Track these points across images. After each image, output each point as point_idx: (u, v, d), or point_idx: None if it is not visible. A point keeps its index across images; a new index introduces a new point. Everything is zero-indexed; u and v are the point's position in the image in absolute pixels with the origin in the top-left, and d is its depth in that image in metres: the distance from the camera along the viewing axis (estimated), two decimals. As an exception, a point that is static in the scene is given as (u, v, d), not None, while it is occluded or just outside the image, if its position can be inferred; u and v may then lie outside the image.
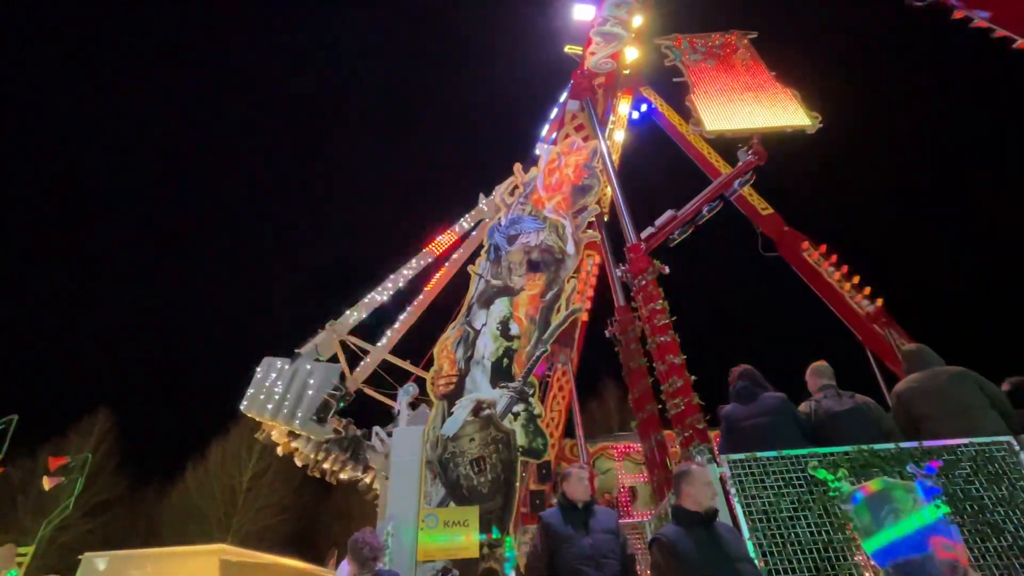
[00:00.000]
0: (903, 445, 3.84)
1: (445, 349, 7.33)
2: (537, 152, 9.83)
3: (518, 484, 6.20)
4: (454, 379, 7.01)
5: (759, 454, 3.89)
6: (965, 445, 3.77)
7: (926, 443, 3.84)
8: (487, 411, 6.58)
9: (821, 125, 8.86)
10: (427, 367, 7.53)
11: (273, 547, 22.01)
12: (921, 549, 3.37)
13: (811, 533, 3.51)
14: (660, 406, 7.76)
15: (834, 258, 16.13)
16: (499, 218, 8.84)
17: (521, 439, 6.41)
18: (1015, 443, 3.73)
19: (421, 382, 7.42)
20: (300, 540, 26.97)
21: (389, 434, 6.79)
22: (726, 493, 3.75)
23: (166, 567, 13.23)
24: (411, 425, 6.80)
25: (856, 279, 15.50)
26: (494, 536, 5.82)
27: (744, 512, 3.64)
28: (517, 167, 9.38)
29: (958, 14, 7.81)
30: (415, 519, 5.90)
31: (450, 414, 6.69)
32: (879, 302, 15.46)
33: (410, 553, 5.77)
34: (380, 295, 8.72)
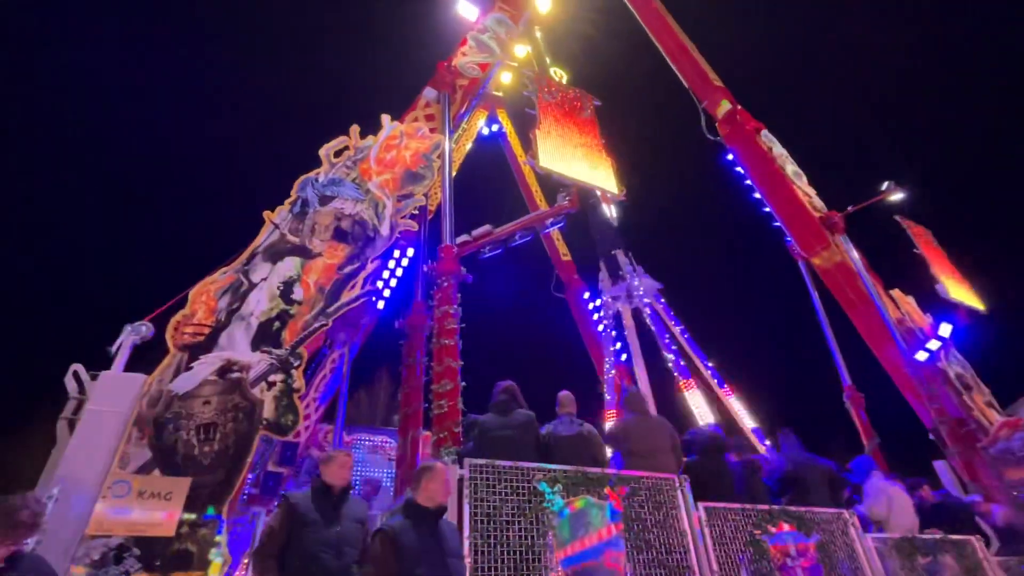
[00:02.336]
0: (607, 471, 4.61)
1: (206, 294, 6.18)
2: (381, 123, 9.33)
3: (249, 460, 5.52)
4: (206, 330, 5.95)
5: (498, 462, 4.22)
6: (646, 478, 4.70)
7: (623, 472, 4.67)
8: (237, 374, 5.73)
9: (624, 198, 10.43)
10: (177, 308, 6.26)
11: None
12: (596, 558, 4.06)
13: (520, 537, 3.91)
14: (427, 405, 7.93)
15: (602, 313, 18.95)
16: (318, 173, 8.03)
17: (269, 412, 5.74)
18: (676, 481, 4.80)
19: (163, 323, 6.11)
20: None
21: (94, 377, 5.38)
22: (461, 493, 3.95)
23: None
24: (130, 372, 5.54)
25: (612, 333, 18.44)
26: (206, 515, 5.06)
27: (471, 512, 3.89)
28: (354, 129, 8.72)
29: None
30: (98, 484, 4.75)
31: (188, 368, 5.64)
32: (624, 358, 18.65)
33: (78, 525, 4.63)
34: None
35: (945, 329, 12.15)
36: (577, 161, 9.89)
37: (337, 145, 8.55)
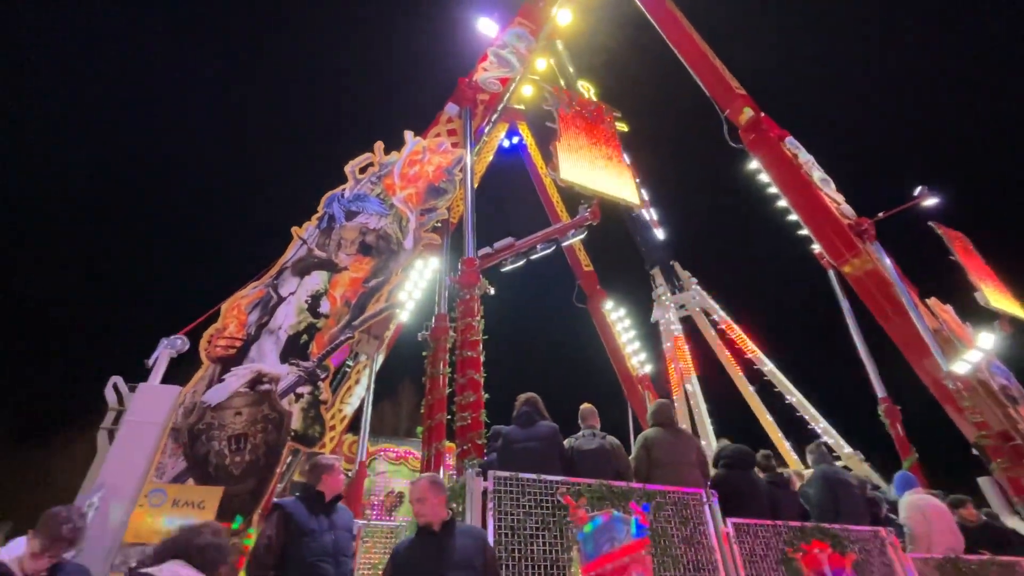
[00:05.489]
0: (632, 485, 4.54)
1: (237, 308, 6.40)
2: (404, 139, 9.55)
3: (279, 471, 5.65)
4: (238, 343, 6.15)
5: (522, 475, 4.21)
6: (672, 492, 4.61)
7: (648, 486, 4.60)
8: (267, 386, 5.90)
9: (644, 207, 10.40)
10: (210, 322, 6.49)
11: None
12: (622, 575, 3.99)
13: (544, 551, 3.88)
14: (450, 417, 7.97)
15: (627, 323, 18.77)
16: (344, 189, 8.26)
17: (297, 423, 5.88)
18: (704, 496, 4.69)
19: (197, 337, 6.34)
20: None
21: (133, 389, 5.61)
22: (485, 505, 3.95)
23: None
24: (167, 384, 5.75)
25: (636, 344, 18.22)
26: (235, 524, 5.18)
27: (496, 525, 3.88)
28: (378, 145, 8.95)
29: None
30: (135, 492, 4.93)
31: (220, 380, 5.83)
32: (647, 367, 18.38)
33: (116, 533, 4.80)
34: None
35: (986, 339, 11.63)
36: (598, 173, 9.91)
37: (362, 161, 8.78)
